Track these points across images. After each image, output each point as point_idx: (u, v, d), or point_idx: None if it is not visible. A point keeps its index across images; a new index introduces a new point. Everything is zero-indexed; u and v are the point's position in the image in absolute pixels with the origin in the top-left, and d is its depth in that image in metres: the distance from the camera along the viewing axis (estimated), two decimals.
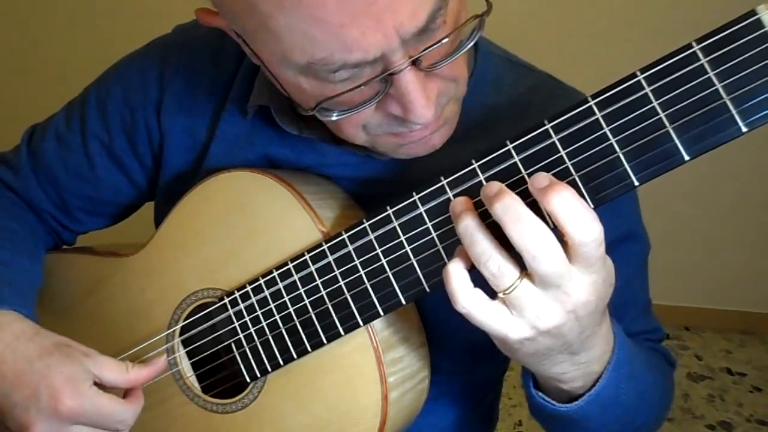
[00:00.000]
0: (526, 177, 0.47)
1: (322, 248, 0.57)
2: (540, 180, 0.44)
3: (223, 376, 0.68)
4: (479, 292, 0.46)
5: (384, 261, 0.54)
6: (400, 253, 0.53)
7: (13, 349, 0.59)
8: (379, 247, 0.54)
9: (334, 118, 0.54)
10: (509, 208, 0.44)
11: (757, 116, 0.41)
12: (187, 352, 0.69)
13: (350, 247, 0.56)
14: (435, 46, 0.48)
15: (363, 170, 0.64)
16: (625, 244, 0.66)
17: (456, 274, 0.47)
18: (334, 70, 0.48)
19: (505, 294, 0.45)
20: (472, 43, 0.51)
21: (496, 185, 0.46)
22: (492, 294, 0.46)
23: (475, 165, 0.49)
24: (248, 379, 0.64)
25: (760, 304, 2.34)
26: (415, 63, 0.49)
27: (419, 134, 0.56)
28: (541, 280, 0.44)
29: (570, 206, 0.43)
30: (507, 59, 0.69)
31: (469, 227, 0.46)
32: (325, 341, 0.58)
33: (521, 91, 0.65)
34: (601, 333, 0.52)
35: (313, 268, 0.58)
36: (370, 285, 0.55)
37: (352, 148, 0.64)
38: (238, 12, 0.49)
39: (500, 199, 0.44)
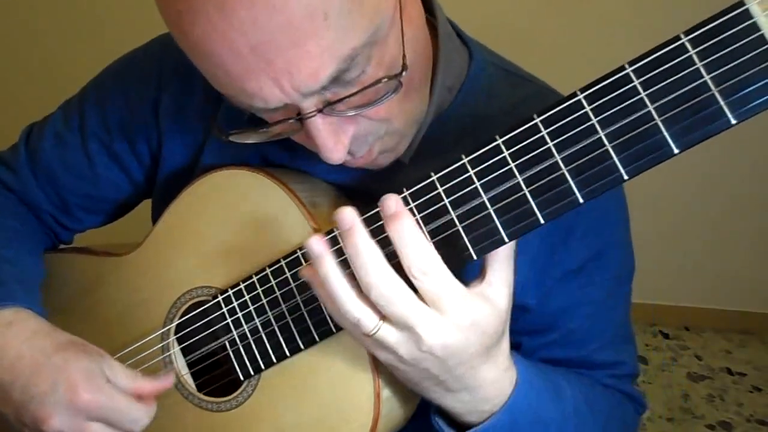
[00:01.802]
0: (515, 170, 0.47)
1: None
2: (388, 206, 0.47)
3: (217, 374, 0.68)
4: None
5: None
6: (391, 249, 0.53)
7: (31, 345, 0.60)
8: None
9: (251, 142, 0.56)
10: (356, 247, 0.47)
11: (746, 108, 0.41)
12: (181, 350, 0.69)
13: (342, 244, 0.55)
14: (339, 102, 0.49)
15: (355, 172, 0.64)
16: (595, 263, 0.64)
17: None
18: (244, 108, 0.50)
19: (370, 337, 0.49)
20: (385, 101, 0.51)
21: (348, 221, 0.48)
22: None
23: (465, 160, 0.49)
24: (242, 377, 0.64)
25: (760, 304, 2.34)
26: (324, 110, 0.49)
27: (351, 163, 0.57)
28: (394, 321, 0.48)
29: (407, 235, 0.46)
30: (503, 69, 0.67)
31: (328, 276, 0.49)
32: (317, 338, 0.58)
33: (514, 101, 0.64)
34: (486, 378, 0.53)
35: (305, 265, 0.58)
36: None
37: None
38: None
39: (349, 236, 0.47)
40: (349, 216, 0.48)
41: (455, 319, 0.48)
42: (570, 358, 0.66)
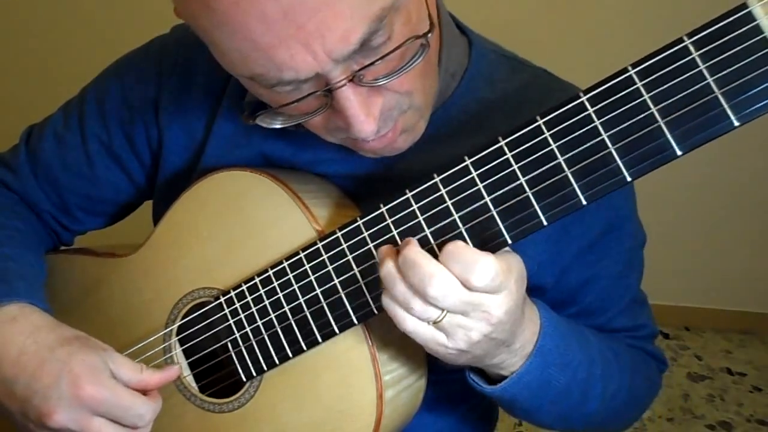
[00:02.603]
0: (518, 172, 0.47)
1: (316, 246, 0.57)
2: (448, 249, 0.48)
3: (219, 375, 0.68)
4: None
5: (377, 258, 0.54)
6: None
7: (35, 340, 0.60)
8: (373, 245, 0.54)
9: (277, 126, 0.56)
10: (406, 260, 0.48)
11: (749, 110, 0.41)
12: (183, 352, 0.69)
13: (344, 245, 0.55)
14: (370, 66, 0.49)
15: (358, 167, 0.65)
16: (611, 236, 0.66)
17: (393, 303, 0.51)
18: (272, 85, 0.50)
19: (436, 324, 0.50)
20: (415, 64, 0.51)
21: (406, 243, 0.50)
22: None
23: (468, 162, 0.49)
24: (244, 378, 0.64)
25: (760, 304, 2.34)
26: (354, 79, 0.49)
27: (374, 145, 0.57)
28: (458, 310, 0.49)
29: (456, 257, 0.47)
30: (501, 54, 0.69)
31: (390, 272, 0.50)
32: (320, 340, 0.58)
33: (516, 85, 0.65)
34: (525, 317, 0.55)
35: (307, 266, 0.58)
36: (364, 283, 0.55)
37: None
38: (189, 21, 0.50)
39: (400, 254, 0.49)
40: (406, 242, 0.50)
41: (509, 288, 0.50)
42: (589, 326, 0.68)
